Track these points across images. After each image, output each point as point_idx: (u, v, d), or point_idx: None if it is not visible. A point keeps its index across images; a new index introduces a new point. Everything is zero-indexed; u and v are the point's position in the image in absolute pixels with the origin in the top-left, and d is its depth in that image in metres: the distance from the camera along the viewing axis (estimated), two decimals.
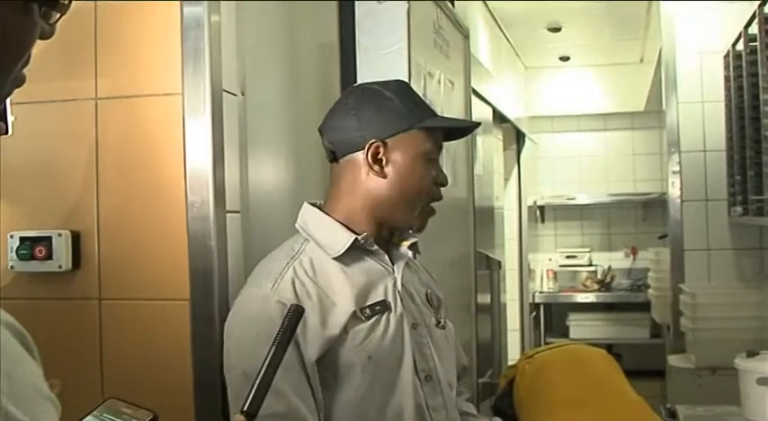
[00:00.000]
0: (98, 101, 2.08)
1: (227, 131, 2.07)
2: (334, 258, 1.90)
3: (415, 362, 1.92)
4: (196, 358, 2.00)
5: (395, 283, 1.95)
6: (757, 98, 3.47)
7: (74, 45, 2.08)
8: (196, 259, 2.00)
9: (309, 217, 1.96)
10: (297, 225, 1.97)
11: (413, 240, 2.02)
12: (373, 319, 1.86)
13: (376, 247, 1.94)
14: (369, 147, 1.90)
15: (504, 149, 6.95)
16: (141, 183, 2.06)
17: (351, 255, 1.90)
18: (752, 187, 3.70)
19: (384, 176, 1.91)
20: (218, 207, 2.01)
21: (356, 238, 1.90)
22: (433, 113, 2.02)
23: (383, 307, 1.89)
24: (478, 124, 2.22)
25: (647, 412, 3.19)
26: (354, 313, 1.84)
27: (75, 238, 2.07)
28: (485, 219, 4.96)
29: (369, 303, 1.87)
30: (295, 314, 1.48)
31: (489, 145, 5.37)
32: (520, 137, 7.41)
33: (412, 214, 1.97)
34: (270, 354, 1.41)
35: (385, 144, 1.90)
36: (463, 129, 2.22)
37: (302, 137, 2.62)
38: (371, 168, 1.91)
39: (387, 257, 1.97)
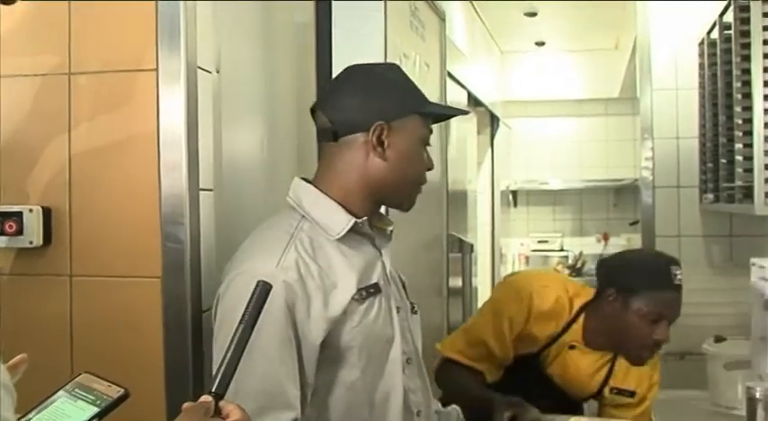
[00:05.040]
0: (71, 76, 2.06)
1: (202, 109, 2.05)
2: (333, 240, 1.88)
3: None
4: (167, 336, 1.99)
5: (383, 266, 1.95)
6: (731, 86, 3.48)
7: (47, 19, 2.05)
8: (168, 236, 1.99)
9: (304, 194, 1.92)
10: (289, 200, 1.94)
11: (391, 227, 2.02)
12: (368, 302, 1.85)
13: (370, 231, 1.93)
14: (374, 129, 1.88)
15: (478, 133, 6.96)
16: (114, 159, 2.04)
17: (347, 237, 1.88)
18: (723, 174, 3.72)
19: (385, 159, 1.89)
20: (191, 185, 2.00)
21: (356, 222, 1.88)
22: (427, 99, 2.02)
23: (375, 289, 1.88)
24: (468, 111, 2.24)
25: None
26: (354, 295, 1.82)
27: (47, 214, 2.05)
28: (457, 202, 4.97)
29: (364, 285, 1.86)
30: (263, 291, 1.42)
31: (463, 129, 5.36)
32: (494, 121, 7.41)
33: (407, 196, 1.98)
34: (237, 334, 1.38)
35: (389, 127, 1.89)
36: (449, 115, 2.24)
37: (276, 116, 2.60)
38: (374, 150, 1.88)
39: (377, 240, 1.96)
